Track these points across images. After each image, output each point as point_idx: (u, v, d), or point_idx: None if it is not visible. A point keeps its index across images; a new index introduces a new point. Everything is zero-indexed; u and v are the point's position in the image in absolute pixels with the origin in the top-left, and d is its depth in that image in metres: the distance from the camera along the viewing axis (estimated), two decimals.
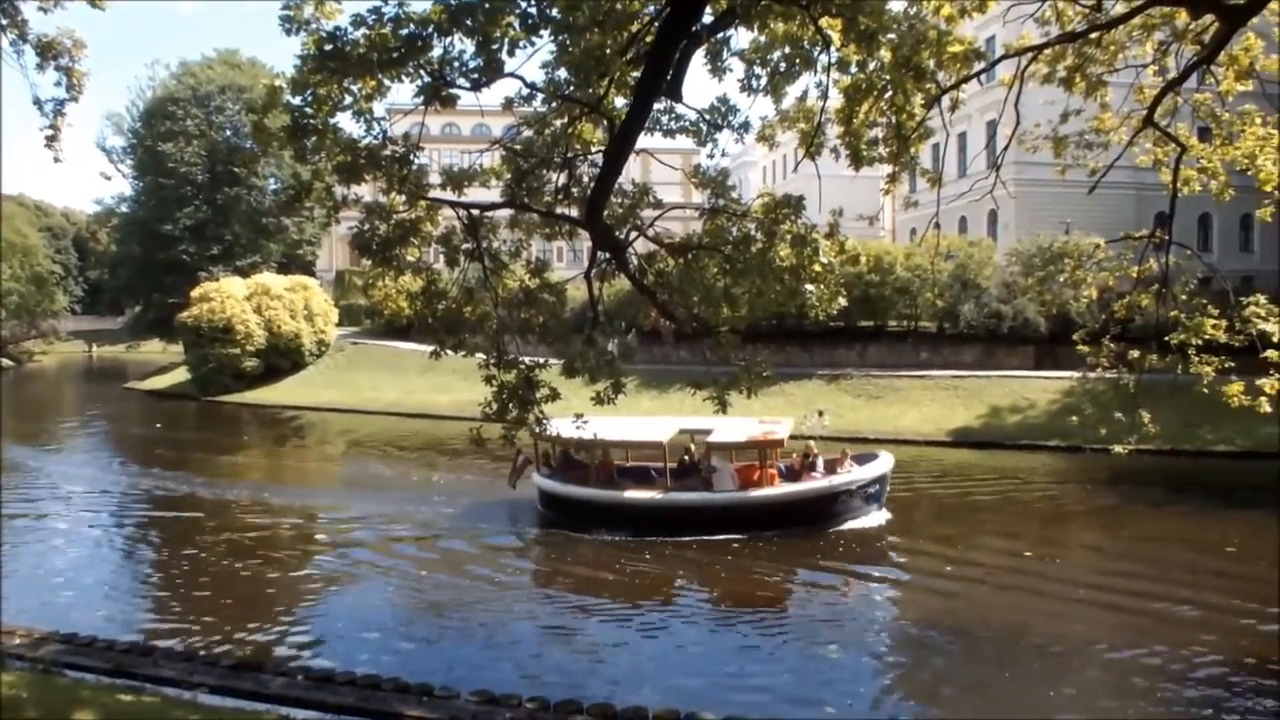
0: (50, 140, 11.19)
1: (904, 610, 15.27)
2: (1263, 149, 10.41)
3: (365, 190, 9.37)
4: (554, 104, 9.07)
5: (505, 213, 10.03)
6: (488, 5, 6.93)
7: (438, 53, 7.48)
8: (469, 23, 7.03)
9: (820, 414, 31.60)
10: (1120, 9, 10.31)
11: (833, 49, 8.29)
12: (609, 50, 7.76)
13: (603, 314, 10.01)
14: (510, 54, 7.33)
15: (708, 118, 9.00)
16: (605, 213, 9.09)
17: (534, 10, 7.14)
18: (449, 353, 9.91)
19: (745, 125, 9.18)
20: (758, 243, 8.86)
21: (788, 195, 9.11)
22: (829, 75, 8.62)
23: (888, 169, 10.44)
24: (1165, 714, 11.17)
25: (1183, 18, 10.39)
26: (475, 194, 9.52)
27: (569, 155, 9.30)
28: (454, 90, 7.67)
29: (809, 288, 8.75)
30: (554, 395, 9.60)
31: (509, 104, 9.30)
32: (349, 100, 7.95)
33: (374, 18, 7.24)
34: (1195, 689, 11.69)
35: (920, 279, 37.25)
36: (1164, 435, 15.67)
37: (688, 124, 9.31)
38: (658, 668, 12.59)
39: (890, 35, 8.26)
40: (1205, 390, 11.28)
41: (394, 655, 12.82)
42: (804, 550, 18.19)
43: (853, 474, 20.16)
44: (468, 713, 10.05)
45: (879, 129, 9.49)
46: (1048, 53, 10.49)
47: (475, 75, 7.44)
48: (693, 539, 18.46)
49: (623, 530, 18.96)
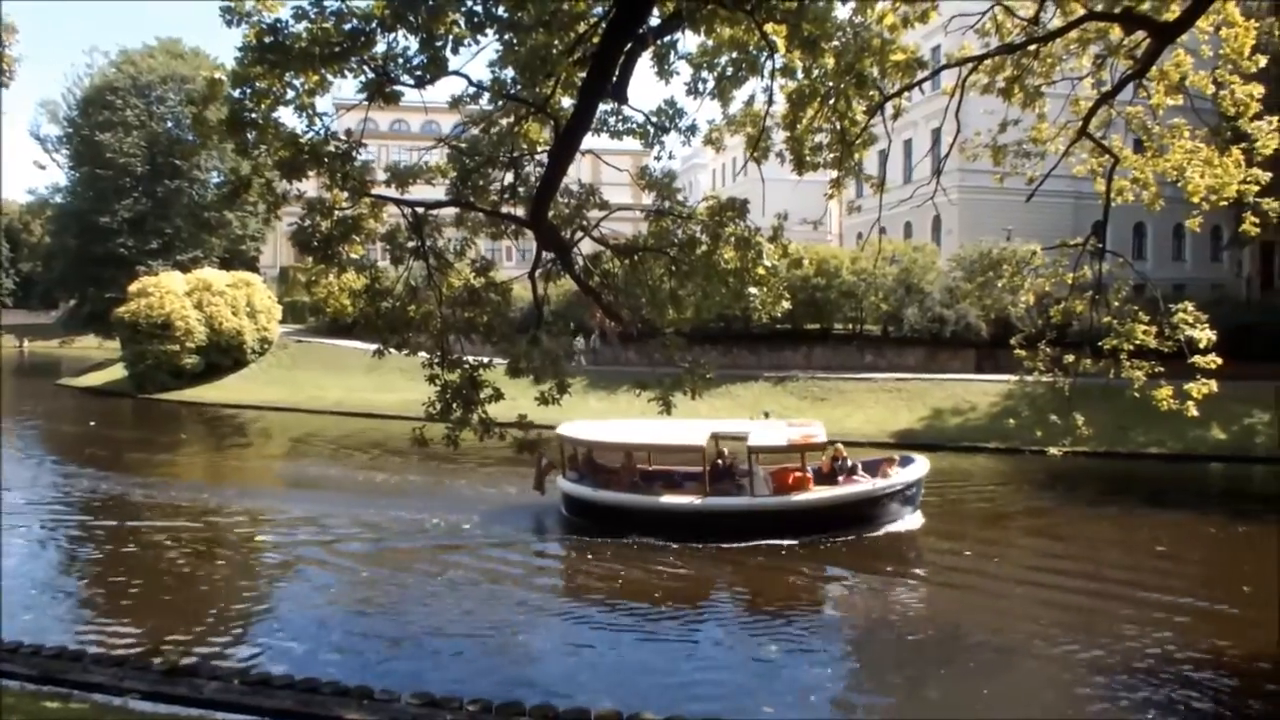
0: None
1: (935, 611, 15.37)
2: (1191, 161, 10.73)
3: (309, 186, 9.26)
4: (500, 103, 9.04)
5: (451, 211, 9.97)
6: (431, 2, 6.88)
7: (381, 49, 7.42)
8: (413, 19, 6.97)
9: (766, 415, 31.76)
10: (1057, 23, 10.57)
11: (778, 55, 8.37)
12: (555, 50, 7.76)
13: (549, 314, 10.00)
14: (455, 52, 7.29)
15: (654, 120, 9.04)
16: (551, 213, 9.09)
17: (479, 8, 7.10)
18: (393, 351, 9.83)
19: (692, 128, 9.25)
20: (703, 245, 8.93)
21: (732, 198, 9.19)
22: (774, 80, 8.71)
23: (834, 174, 10.59)
24: (1097, 707, 11.46)
25: (1116, 33, 10.70)
26: (421, 192, 9.44)
27: (515, 154, 9.28)
28: (398, 87, 7.61)
29: (753, 290, 8.83)
30: (498, 395, 9.57)
31: (455, 102, 9.24)
32: (291, 94, 7.84)
33: (316, 11, 7.14)
34: (1126, 680, 12.05)
35: (866, 283, 37.77)
36: (1098, 438, 16.14)
37: (635, 126, 9.35)
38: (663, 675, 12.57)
39: (834, 42, 8.36)
40: (1137, 394, 11.60)
41: (338, 658, 12.64)
42: (864, 554, 18.11)
43: (894, 477, 19.95)
44: (408, 715, 9.94)
45: (824, 134, 9.61)
46: (988, 63, 10.71)
47: (420, 72, 7.38)
48: (739, 544, 18.06)
49: (659, 536, 18.45)
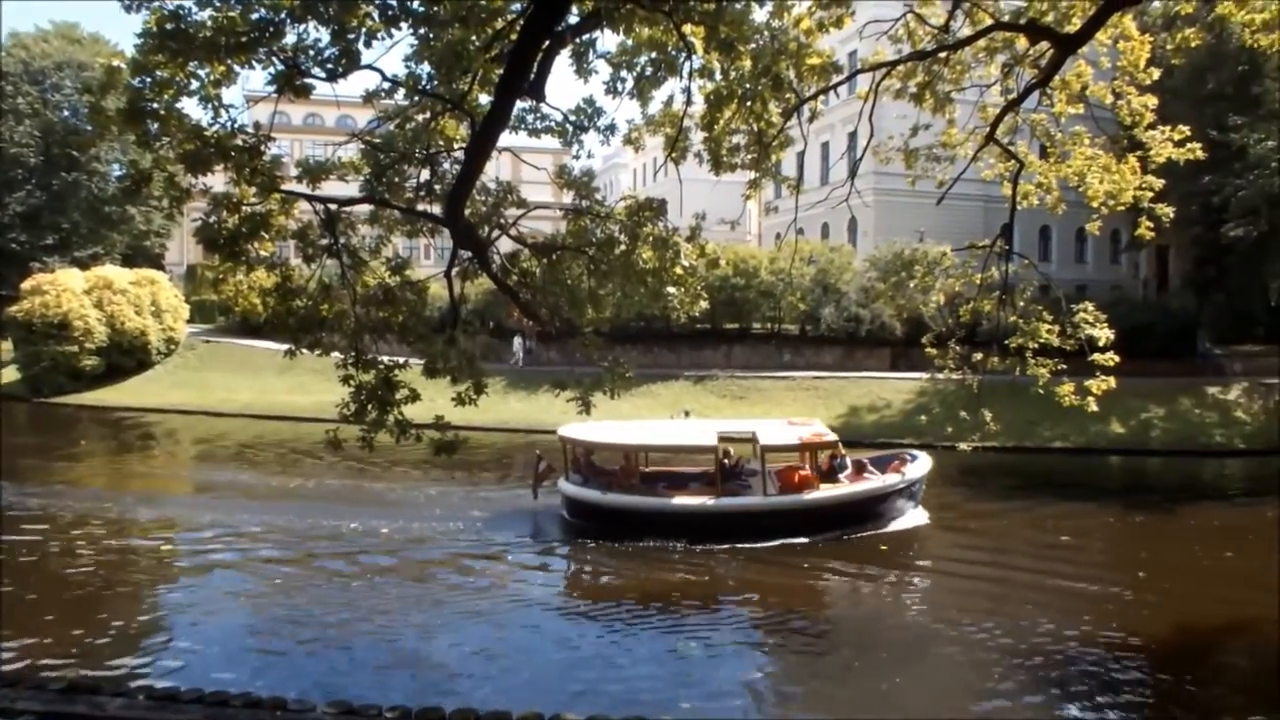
0: None
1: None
2: (1091, 168, 11.16)
3: (216, 180, 8.95)
4: (416, 99, 8.89)
5: (365, 208, 9.77)
6: None
7: (291, 40, 7.22)
8: (324, 10, 6.80)
9: (686, 414, 32.03)
10: (967, 31, 10.87)
11: (696, 56, 8.42)
12: (472, 46, 7.66)
13: (467, 313, 9.88)
14: (368, 45, 7.15)
15: (573, 119, 9.00)
16: (468, 211, 8.97)
17: (394, 1, 6.97)
18: (305, 352, 9.58)
19: (611, 128, 9.23)
20: (621, 244, 8.93)
21: (650, 198, 9.21)
22: (692, 81, 8.76)
23: (751, 175, 10.70)
24: (1006, 685, 11.83)
25: (1022, 43, 11.05)
26: (334, 188, 9.22)
27: (431, 151, 9.13)
28: (309, 80, 7.41)
29: (672, 290, 8.87)
30: (414, 396, 9.41)
31: (370, 97, 9.04)
32: (195, 85, 7.56)
33: None
34: (1031, 662, 12.57)
35: (783, 283, 38.33)
36: (1006, 433, 16.72)
37: (553, 124, 9.28)
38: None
39: (751, 45, 8.45)
40: (1041, 391, 11.99)
41: (252, 670, 12.24)
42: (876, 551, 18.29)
43: (904, 474, 20.09)
44: None
45: (741, 136, 9.70)
46: (901, 69, 10.96)
47: (331, 66, 7.20)
48: (757, 544, 18.05)
49: (672, 538, 18.23)
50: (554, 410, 28.19)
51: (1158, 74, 11.29)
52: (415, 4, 7.11)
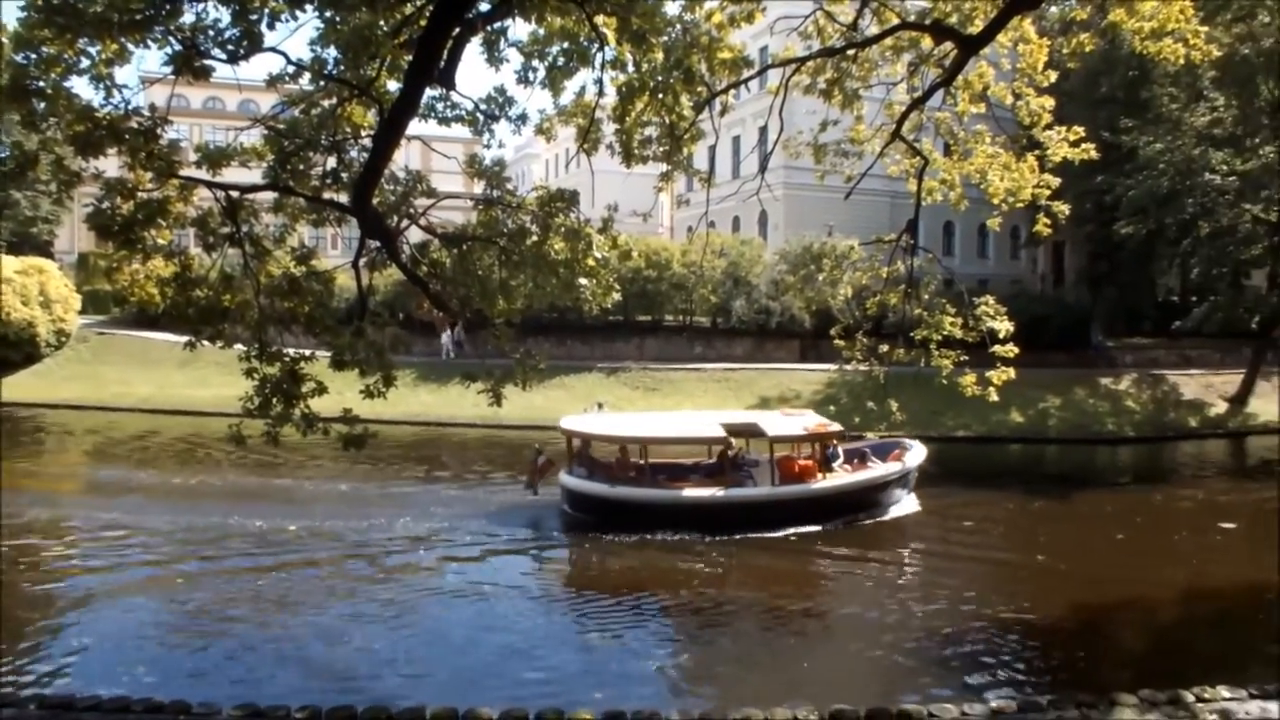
0: None
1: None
2: (991, 166, 11.52)
3: (109, 164, 8.57)
4: (321, 84, 8.66)
5: (269, 196, 9.48)
6: None
7: (190, 19, 6.95)
8: None
9: (600, 406, 32.03)
10: (874, 30, 11.09)
11: (608, 47, 8.40)
12: (380, 32, 7.49)
13: (376, 304, 9.69)
14: (271, 27, 6.93)
15: (484, 108, 8.89)
16: (376, 199, 8.79)
17: None
18: (206, 344, 9.27)
19: (523, 117, 9.15)
20: (533, 235, 8.86)
21: (562, 189, 9.17)
22: (604, 72, 8.75)
23: (663, 167, 10.73)
24: (914, 664, 12.20)
25: (928, 42, 11.33)
26: (236, 175, 8.93)
27: (338, 138, 8.91)
28: (209, 62, 7.15)
29: (584, 281, 8.85)
30: (321, 389, 9.19)
31: (273, 81, 8.77)
32: (86, 63, 7.22)
33: None
34: (943, 635, 13.06)
35: (695, 275, 38.63)
36: (911, 422, 17.17)
37: (464, 113, 9.15)
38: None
39: (663, 37, 8.47)
40: (945, 381, 12.34)
41: (157, 676, 11.76)
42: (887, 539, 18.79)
43: (904, 463, 20.50)
44: None
45: (653, 128, 9.73)
46: (810, 65, 11.12)
47: (232, 47, 6.95)
48: (770, 534, 18.31)
49: (682, 530, 18.26)
50: (465, 403, 27.97)
51: (1055, 76, 11.69)
52: None
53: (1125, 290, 46.40)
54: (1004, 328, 11.58)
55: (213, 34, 7.07)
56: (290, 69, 8.18)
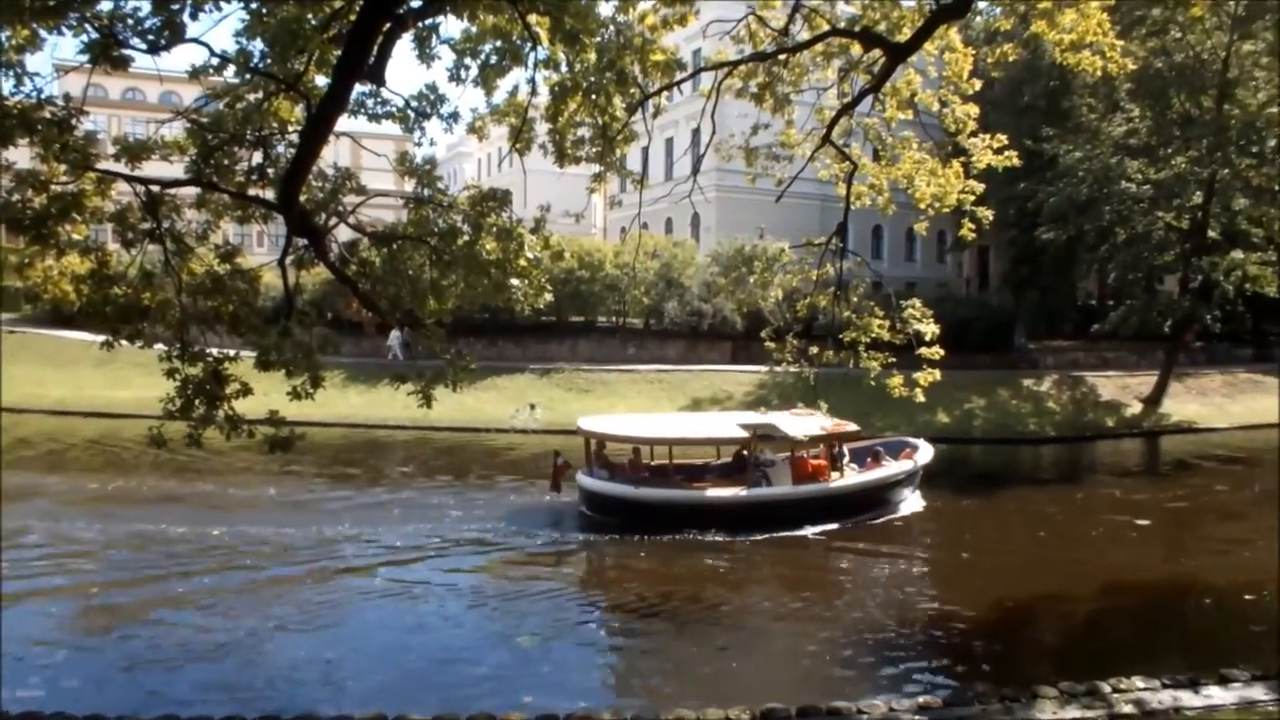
0: None
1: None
2: (918, 171, 11.77)
3: (20, 155, 8.24)
4: (247, 77, 8.45)
5: (191, 191, 9.22)
6: None
7: (107, 6, 6.72)
8: None
9: (532, 407, 31.96)
10: (805, 36, 11.24)
11: (541, 46, 8.36)
12: (308, 25, 7.35)
13: (304, 304, 9.50)
14: (194, 17, 6.74)
15: (415, 105, 8.77)
16: (304, 196, 8.62)
17: None
18: (125, 344, 8.99)
19: (455, 115, 9.04)
20: (464, 235, 8.77)
21: (494, 189, 9.10)
22: (537, 72, 8.71)
23: (596, 168, 10.72)
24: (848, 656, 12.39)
25: (857, 49, 11.52)
26: (156, 169, 8.67)
27: (264, 133, 8.71)
28: (127, 51, 6.92)
29: (515, 282, 8.79)
30: (246, 390, 8.98)
31: (196, 73, 8.54)
32: None
33: None
34: (871, 635, 13.16)
35: (628, 276, 38.69)
36: None
37: (394, 110, 9.02)
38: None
39: (596, 38, 8.46)
40: (873, 382, 12.57)
41: (73, 688, 11.33)
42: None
43: (915, 461, 21.10)
44: None
45: (586, 129, 9.71)
46: (742, 69, 11.22)
47: (152, 37, 6.75)
48: (791, 532, 18.70)
49: (707, 530, 18.48)
50: (395, 405, 27.62)
51: (979, 85, 11.97)
52: None
53: (1047, 294, 47.78)
54: (930, 330, 11.83)
55: (132, 23, 6.85)
56: (214, 61, 7.97)
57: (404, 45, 8.19)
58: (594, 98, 9.05)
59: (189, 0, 6.67)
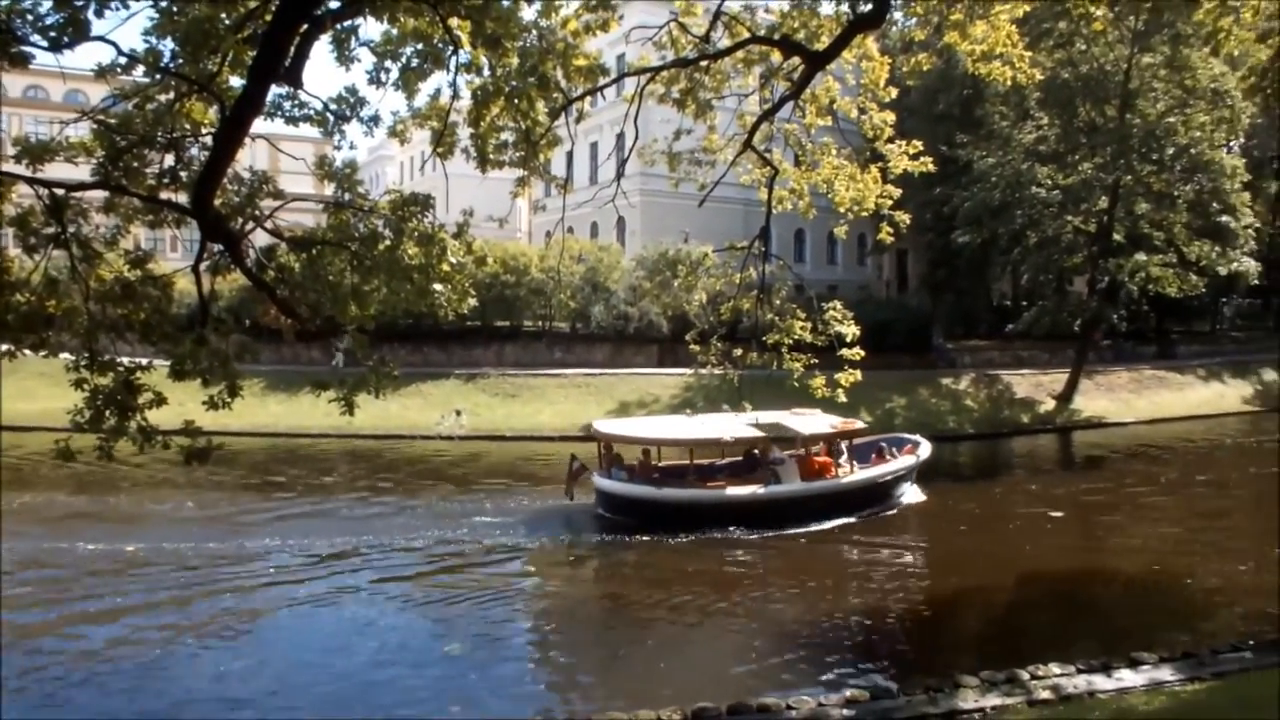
0: None
1: None
2: (837, 176, 12.00)
3: None
4: (157, 77, 8.19)
5: (99, 194, 8.90)
6: None
7: (4, 1, 6.44)
8: None
9: (458, 413, 31.61)
10: (726, 43, 11.36)
11: (462, 50, 8.29)
12: (221, 25, 7.17)
13: (221, 310, 9.25)
14: (100, 14, 6.50)
15: (334, 108, 8.62)
16: (219, 200, 8.39)
17: None
18: (28, 353, 8.63)
19: (375, 119, 8.91)
20: (386, 240, 8.64)
21: (415, 193, 8.98)
22: (459, 76, 8.63)
23: (520, 172, 10.67)
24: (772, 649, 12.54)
25: (777, 56, 11.68)
26: (61, 171, 8.34)
27: (176, 135, 8.45)
28: (27, 49, 6.65)
29: (438, 287, 8.69)
30: (160, 400, 8.69)
31: (102, 72, 8.24)
32: None
33: None
34: (797, 632, 13.39)
35: (554, 281, 38.60)
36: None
37: (313, 113, 8.84)
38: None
39: (518, 42, 8.43)
40: (796, 383, 12.76)
41: None
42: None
43: (918, 456, 21.99)
44: None
45: (509, 133, 9.66)
46: (665, 75, 11.29)
47: (55, 34, 6.50)
48: (814, 527, 19.46)
49: (728, 528, 19.08)
50: (317, 413, 26.98)
51: (895, 93, 12.24)
52: None
53: (963, 295, 49.09)
54: (850, 331, 12.07)
55: (31, 18, 6.59)
56: (122, 60, 7.70)
57: (322, 47, 8.06)
58: (516, 102, 9.01)
59: None
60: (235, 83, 8.09)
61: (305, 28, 7.11)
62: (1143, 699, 10.09)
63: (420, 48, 8.56)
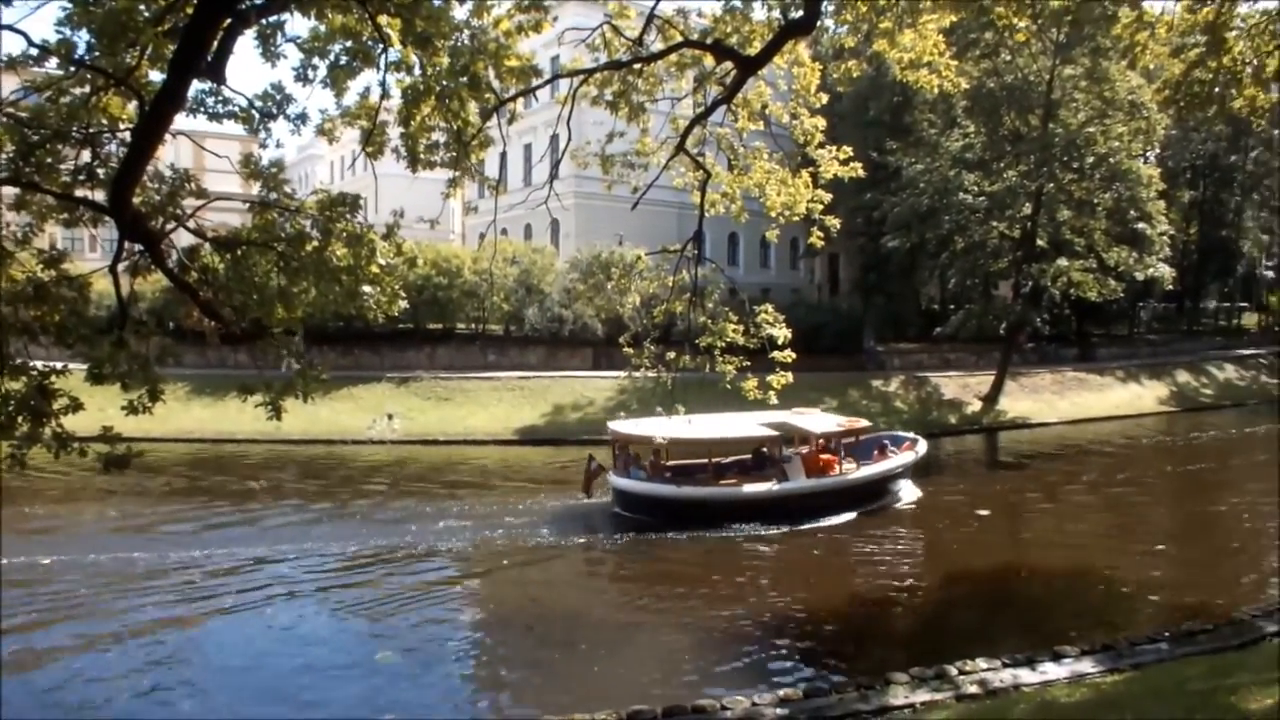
0: None
1: None
2: (769, 181, 12.10)
3: None
4: (72, 70, 7.91)
5: (9, 191, 8.56)
6: None
7: None
8: None
9: (390, 417, 31.24)
10: (659, 46, 11.38)
11: (392, 49, 8.16)
12: (140, 17, 6.94)
13: (143, 312, 8.97)
14: (8, 3, 6.27)
15: (259, 105, 8.42)
16: (139, 199, 8.13)
17: None
18: None
19: (302, 117, 8.71)
20: (313, 240, 8.46)
21: (343, 193, 8.82)
22: (389, 74, 8.50)
23: (452, 173, 10.52)
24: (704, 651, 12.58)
25: (710, 61, 11.74)
26: None
27: (92, 130, 8.17)
28: None
29: (367, 289, 8.54)
30: (76, 405, 8.38)
31: (12, 64, 7.92)
32: None
33: None
34: (716, 637, 13.41)
35: (487, 283, 38.30)
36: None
37: (237, 109, 8.62)
38: None
39: (448, 41, 8.33)
40: (729, 386, 12.83)
41: None
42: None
43: (917, 452, 22.94)
44: None
45: (440, 133, 9.53)
46: (598, 77, 11.26)
47: None
48: (823, 521, 20.12)
49: (746, 524, 19.61)
50: (244, 418, 26.37)
51: (826, 99, 12.39)
52: None
53: (892, 299, 50.00)
54: (782, 334, 12.18)
55: None
56: (33, 51, 7.42)
57: (248, 42, 7.87)
58: (447, 102, 8.90)
59: None
60: (155, 77, 7.85)
61: (229, 22, 6.94)
62: (1065, 691, 10.38)
63: (349, 45, 8.39)
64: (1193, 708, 8.50)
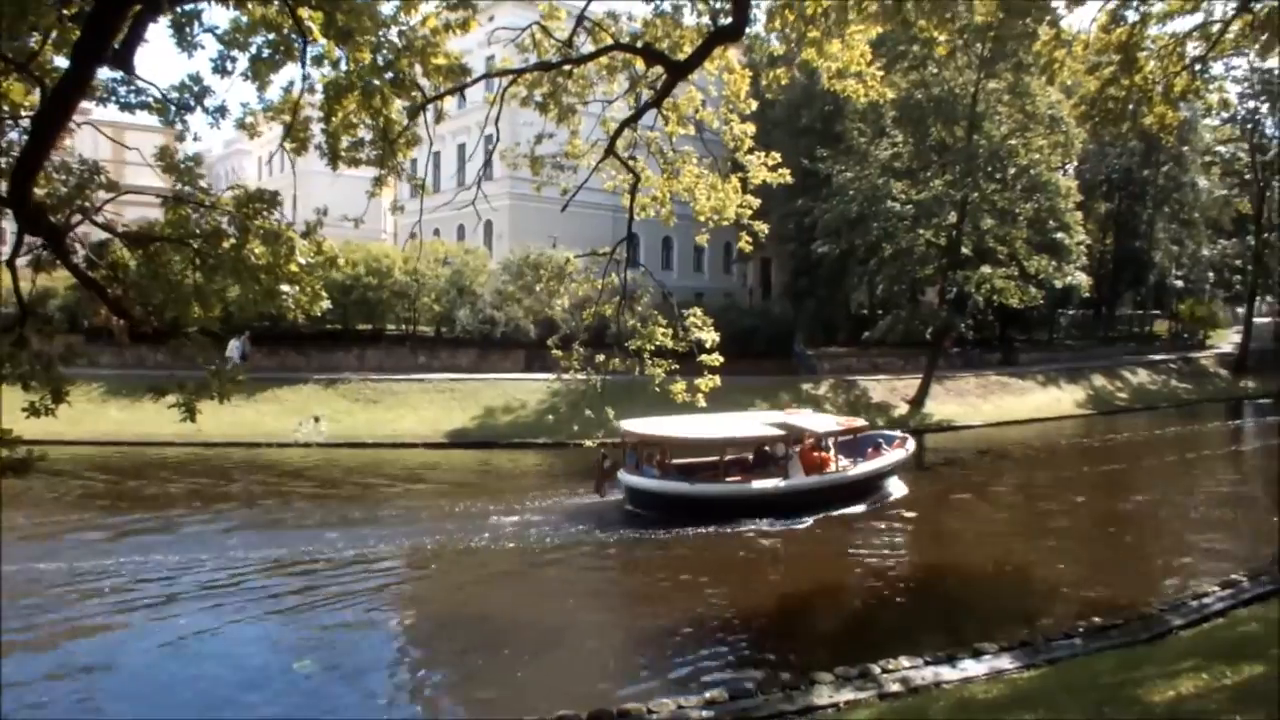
0: None
1: None
2: (698, 185, 12.14)
3: None
4: None
5: None
6: None
7: None
8: None
9: (316, 420, 30.61)
10: (590, 48, 11.32)
11: (314, 43, 7.95)
12: (44, 1, 6.64)
13: (54, 310, 8.58)
14: None
15: (175, 96, 8.13)
16: (42, 190, 7.79)
17: None
18: None
19: (221, 110, 8.43)
20: (230, 238, 8.20)
21: (261, 189, 8.57)
22: (311, 69, 8.29)
23: (378, 171, 10.31)
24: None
25: (640, 64, 11.72)
26: None
27: None
28: None
29: (286, 288, 8.30)
30: None
31: None
32: None
33: None
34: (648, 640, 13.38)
35: (418, 283, 37.79)
36: None
37: (151, 100, 8.32)
38: None
39: (371, 37, 8.15)
40: (658, 389, 12.84)
41: None
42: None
43: (908, 449, 23.93)
44: None
45: (364, 130, 9.32)
46: (527, 78, 11.15)
47: None
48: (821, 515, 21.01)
49: (754, 519, 20.26)
50: (163, 420, 25.45)
51: (756, 105, 12.45)
52: None
53: (823, 303, 50.65)
54: (710, 338, 12.25)
55: None
56: None
57: (163, 31, 7.59)
58: (371, 99, 8.70)
59: None
60: (60, 63, 7.52)
61: (138, 9, 6.68)
62: (984, 687, 10.59)
63: (271, 38, 8.16)
64: (1102, 701, 8.75)
